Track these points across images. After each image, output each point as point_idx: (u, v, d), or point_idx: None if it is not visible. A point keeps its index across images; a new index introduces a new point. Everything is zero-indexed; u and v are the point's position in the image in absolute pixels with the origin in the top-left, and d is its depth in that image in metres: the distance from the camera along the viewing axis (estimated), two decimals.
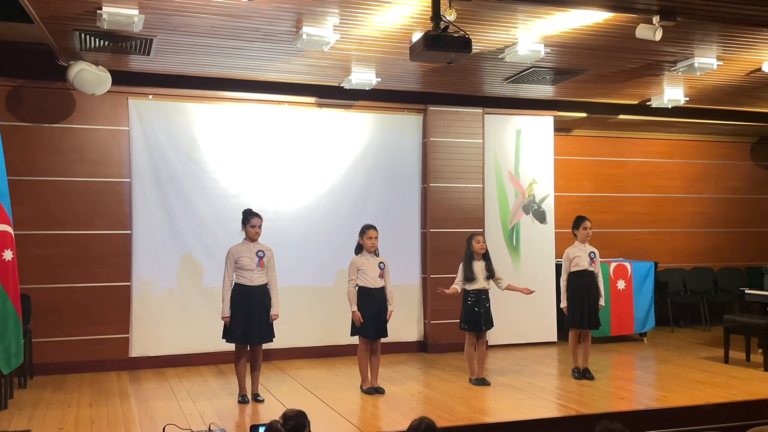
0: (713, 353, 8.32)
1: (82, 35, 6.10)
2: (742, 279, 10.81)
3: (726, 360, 7.77)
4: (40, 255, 7.37)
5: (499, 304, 7.41)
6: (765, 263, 9.89)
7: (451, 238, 8.60)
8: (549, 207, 9.34)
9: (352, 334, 6.58)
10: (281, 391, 6.60)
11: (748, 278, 10.75)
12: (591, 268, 7.07)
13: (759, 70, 7.32)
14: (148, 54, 6.68)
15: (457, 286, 6.86)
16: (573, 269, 7.09)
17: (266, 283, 6.28)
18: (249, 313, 6.15)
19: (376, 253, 6.58)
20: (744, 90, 8.45)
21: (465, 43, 5.05)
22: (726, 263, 11.24)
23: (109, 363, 7.55)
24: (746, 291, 8.95)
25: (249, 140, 8.17)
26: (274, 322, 6.32)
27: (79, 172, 7.58)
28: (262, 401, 6.20)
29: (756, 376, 7.14)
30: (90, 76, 6.92)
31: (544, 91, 8.58)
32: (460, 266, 6.90)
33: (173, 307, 7.82)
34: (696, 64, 6.90)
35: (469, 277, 6.80)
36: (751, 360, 7.75)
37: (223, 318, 6.21)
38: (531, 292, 7.02)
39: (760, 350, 7.65)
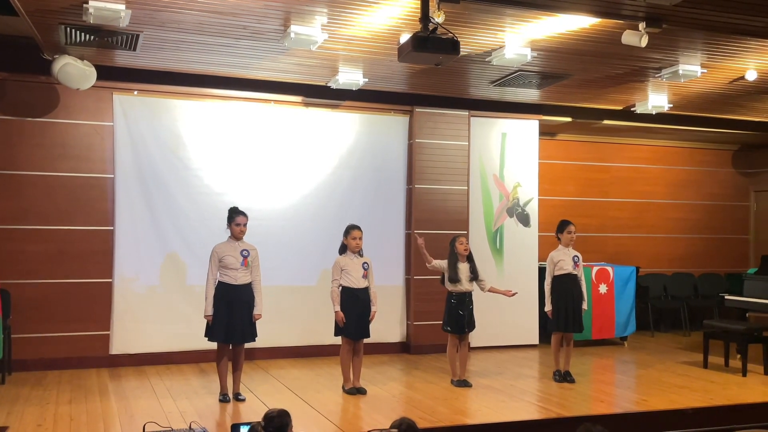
0: (693, 358, 8.40)
1: (68, 29, 6.04)
2: (722, 285, 10.91)
3: (705, 365, 7.84)
4: (21, 250, 7.30)
5: (481, 306, 7.43)
6: (745, 269, 9.99)
7: (435, 239, 8.58)
8: (533, 210, 9.38)
9: (336, 334, 6.57)
10: (263, 391, 6.58)
11: (728, 284, 10.86)
12: (575, 272, 7.12)
13: (742, 78, 7.40)
14: (134, 49, 6.64)
15: (435, 263, 6.87)
16: (557, 273, 7.12)
17: (250, 282, 6.25)
18: (232, 312, 6.11)
19: (360, 254, 6.57)
20: (727, 98, 8.55)
21: (453, 46, 5.07)
22: (706, 269, 11.35)
23: (89, 360, 7.49)
24: (726, 297, 8.99)
25: (234, 138, 8.14)
26: (257, 322, 6.30)
27: (61, 167, 7.51)
28: (244, 400, 6.18)
29: (734, 381, 7.21)
30: (75, 71, 6.86)
31: (530, 95, 8.62)
32: (445, 266, 6.90)
33: (155, 305, 7.76)
34: (680, 71, 6.96)
35: (454, 278, 6.81)
36: (730, 365, 7.84)
37: (206, 316, 6.16)
38: (513, 294, 7.04)
39: (738, 356, 7.73)
